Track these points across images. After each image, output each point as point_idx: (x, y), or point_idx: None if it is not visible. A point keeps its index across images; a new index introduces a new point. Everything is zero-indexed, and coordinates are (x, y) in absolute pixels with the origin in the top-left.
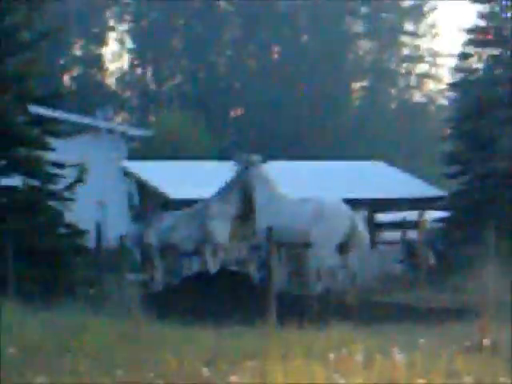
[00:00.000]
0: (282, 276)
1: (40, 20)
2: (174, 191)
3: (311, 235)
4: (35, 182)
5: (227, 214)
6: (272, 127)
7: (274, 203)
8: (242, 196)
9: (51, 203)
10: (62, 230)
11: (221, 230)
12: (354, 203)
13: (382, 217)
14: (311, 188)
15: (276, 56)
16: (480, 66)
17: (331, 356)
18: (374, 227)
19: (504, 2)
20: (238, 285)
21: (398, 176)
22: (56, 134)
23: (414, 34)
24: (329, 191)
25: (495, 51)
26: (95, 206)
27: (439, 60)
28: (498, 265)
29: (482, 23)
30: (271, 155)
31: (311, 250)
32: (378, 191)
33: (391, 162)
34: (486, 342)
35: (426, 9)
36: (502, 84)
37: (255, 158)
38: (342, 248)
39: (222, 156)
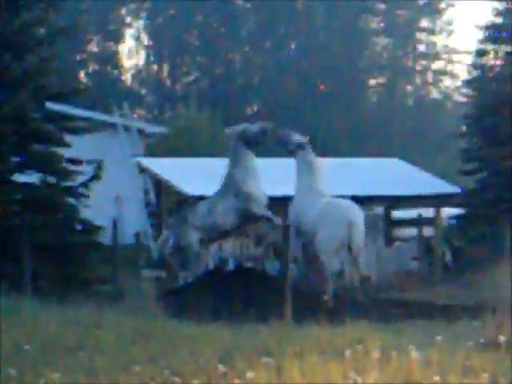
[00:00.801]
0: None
1: (56, 16)
2: (191, 188)
3: (316, 237)
4: (52, 179)
5: (257, 176)
6: (289, 123)
7: (308, 196)
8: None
9: (68, 200)
10: (78, 227)
11: (256, 189)
12: (370, 200)
13: (399, 213)
14: (327, 184)
15: (293, 52)
16: (497, 62)
17: (347, 353)
18: (391, 224)
19: None
20: (254, 282)
21: (415, 173)
22: (73, 131)
23: (430, 31)
24: (345, 188)
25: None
26: (112, 203)
27: (455, 57)
28: None
29: (498, 20)
30: None
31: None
32: (395, 188)
33: (407, 159)
34: (502, 339)
35: (442, 6)
36: None
37: (304, 140)
38: (350, 250)
39: None
